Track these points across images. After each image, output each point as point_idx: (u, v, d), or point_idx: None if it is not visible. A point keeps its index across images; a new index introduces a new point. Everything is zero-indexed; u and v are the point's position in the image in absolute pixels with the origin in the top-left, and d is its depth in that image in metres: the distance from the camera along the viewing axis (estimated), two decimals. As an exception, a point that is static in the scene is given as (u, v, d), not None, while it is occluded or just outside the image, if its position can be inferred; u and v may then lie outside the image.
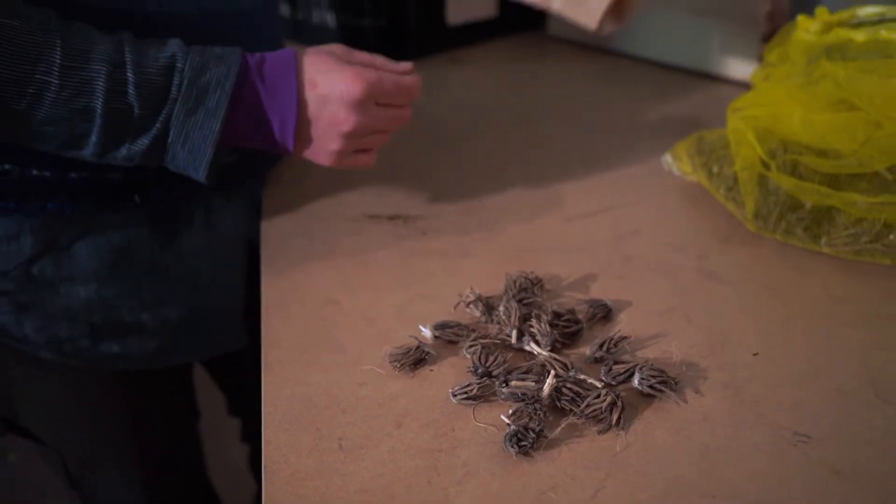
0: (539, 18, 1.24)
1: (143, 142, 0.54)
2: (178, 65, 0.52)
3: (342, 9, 1.12)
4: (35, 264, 0.66)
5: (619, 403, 0.41)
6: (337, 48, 0.59)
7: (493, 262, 0.58)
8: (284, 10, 1.16)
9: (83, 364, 0.71)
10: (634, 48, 1.07)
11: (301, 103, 0.56)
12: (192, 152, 0.54)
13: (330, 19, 1.16)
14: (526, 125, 0.86)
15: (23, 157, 0.61)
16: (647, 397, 0.43)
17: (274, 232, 0.65)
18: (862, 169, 0.56)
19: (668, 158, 0.70)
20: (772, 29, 0.90)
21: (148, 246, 0.68)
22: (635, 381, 0.43)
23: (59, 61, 0.50)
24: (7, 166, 0.61)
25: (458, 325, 0.49)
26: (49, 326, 0.68)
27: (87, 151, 0.55)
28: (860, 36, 0.60)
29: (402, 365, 0.46)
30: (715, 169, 0.65)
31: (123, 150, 0.55)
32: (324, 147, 0.58)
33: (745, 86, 0.91)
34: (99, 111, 0.51)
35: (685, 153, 0.69)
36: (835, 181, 0.58)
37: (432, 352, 0.47)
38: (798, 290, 0.53)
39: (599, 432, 0.41)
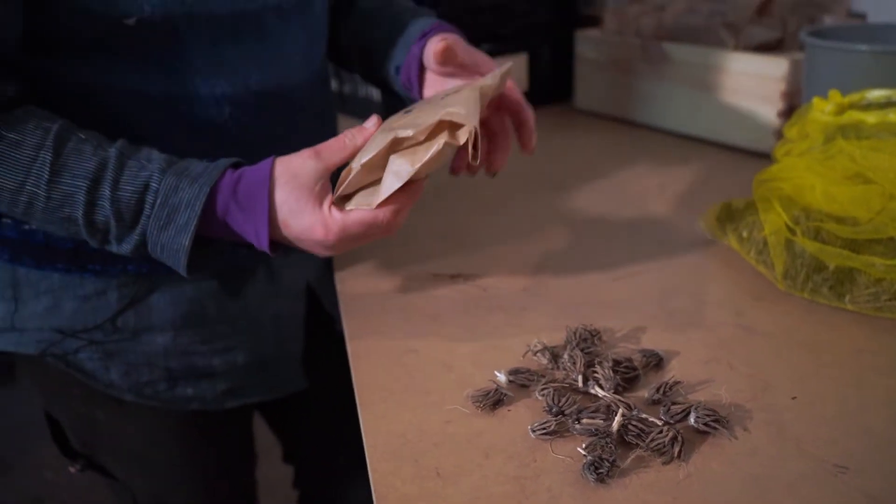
0: (566, 92, 1.34)
1: (126, 247, 0.59)
2: (153, 185, 0.57)
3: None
4: (119, 317, 0.73)
5: (680, 438, 0.47)
6: (305, 163, 0.58)
7: (551, 316, 0.65)
8: (332, 84, 1.26)
9: (160, 406, 0.77)
10: (659, 121, 1.15)
11: (276, 226, 0.58)
12: (170, 259, 0.59)
13: (375, 93, 1.26)
14: (563, 191, 0.94)
15: None
16: (702, 433, 0.49)
17: (348, 288, 0.72)
18: (878, 235, 0.63)
19: (700, 224, 0.78)
20: (788, 106, 0.99)
21: (217, 297, 0.75)
22: (691, 420, 0.50)
23: (46, 175, 0.56)
24: None
25: (529, 371, 0.56)
26: (132, 372, 0.75)
27: (93, 244, 0.61)
28: (871, 118, 0.68)
29: (483, 405, 0.53)
30: (745, 234, 0.72)
31: (113, 249, 0.60)
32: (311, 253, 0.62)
33: (763, 156, 0.99)
34: (81, 221, 0.58)
35: (716, 219, 0.76)
36: (854, 245, 0.65)
37: (509, 393, 0.54)
38: (827, 342, 0.60)
39: (664, 463, 0.47)
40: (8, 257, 0.72)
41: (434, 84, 0.72)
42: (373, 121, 0.60)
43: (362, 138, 0.59)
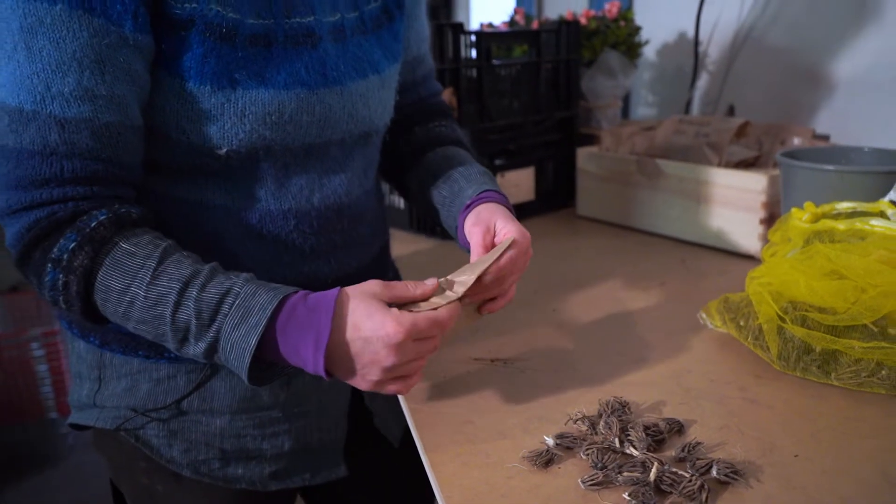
0: (569, 200, 1.49)
1: (201, 346, 0.65)
2: (235, 289, 0.64)
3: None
4: (185, 399, 0.83)
5: (706, 486, 0.58)
6: (376, 286, 0.66)
7: (583, 392, 0.75)
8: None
9: (212, 483, 0.85)
10: (656, 227, 1.30)
11: (336, 330, 0.63)
12: (236, 360, 0.64)
13: (399, 202, 1.40)
14: (577, 287, 1.07)
15: None
16: (723, 483, 0.59)
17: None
18: (855, 322, 0.76)
19: (702, 315, 0.90)
20: (768, 214, 1.13)
21: (270, 386, 0.84)
22: (714, 472, 0.60)
23: (148, 279, 0.65)
24: None
25: (572, 436, 0.66)
26: (191, 450, 0.83)
27: (171, 347, 0.67)
28: (842, 226, 0.82)
29: (537, 463, 0.63)
30: (742, 323, 0.84)
31: (190, 350, 0.66)
32: (363, 378, 0.65)
33: (749, 257, 1.13)
34: (168, 319, 0.65)
35: (715, 311, 0.89)
36: (836, 331, 0.77)
37: (558, 453, 0.64)
38: (819, 412, 0.71)
39: (694, 507, 0.57)
40: (98, 343, 0.82)
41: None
42: (432, 281, 0.68)
43: (421, 290, 0.67)
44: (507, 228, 0.77)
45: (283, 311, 0.64)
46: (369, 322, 0.63)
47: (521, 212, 1.42)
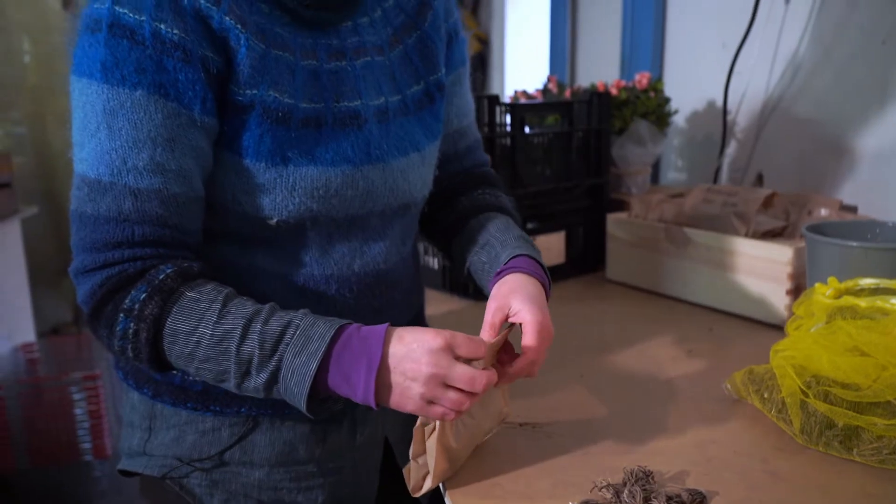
0: (599, 264, 1.52)
1: (263, 376, 0.70)
2: (295, 321, 0.70)
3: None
4: (228, 451, 0.87)
5: (726, 559, 0.60)
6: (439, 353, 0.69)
7: (608, 459, 0.78)
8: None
9: None
10: (684, 294, 1.33)
11: (385, 356, 0.68)
12: (297, 387, 0.69)
13: (434, 263, 1.45)
14: (605, 352, 1.10)
15: None
16: (743, 557, 0.62)
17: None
18: (877, 399, 0.77)
19: (727, 385, 0.92)
20: (794, 285, 1.16)
21: (307, 441, 0.88)
22: (734, 545, 0.62)
23: (214, 319, 0.71)
24: None
25: (597, 502, 0.68)
26: (230, 500, 0.88)
27: (231, 384, 0.72)
28: (863, 303, 0.84)
29: (563, 528, 0.65)
30: (766, 395, 0.86)
31: (251, 383, 0.71)
32: (407, 390, 0.68)
33: (776, 327, 1.15)
34: (233, 353, 0.70)
35: (740, 382, 0.91)
36: (858, 407, 0.78)
37: (583, 520, 0.66)
38: (841, 487, 0.72)
39: (714, 578, 0.59)
40: (151, 394, 0.87)
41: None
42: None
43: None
44: (520, 313, 0.77)
45: (339, 341, 0.70)
46: (412, 334, 0.69)
47: (552, 275, 1.45)
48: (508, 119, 1.36)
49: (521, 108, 1.37)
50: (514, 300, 0.78)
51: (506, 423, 0.87)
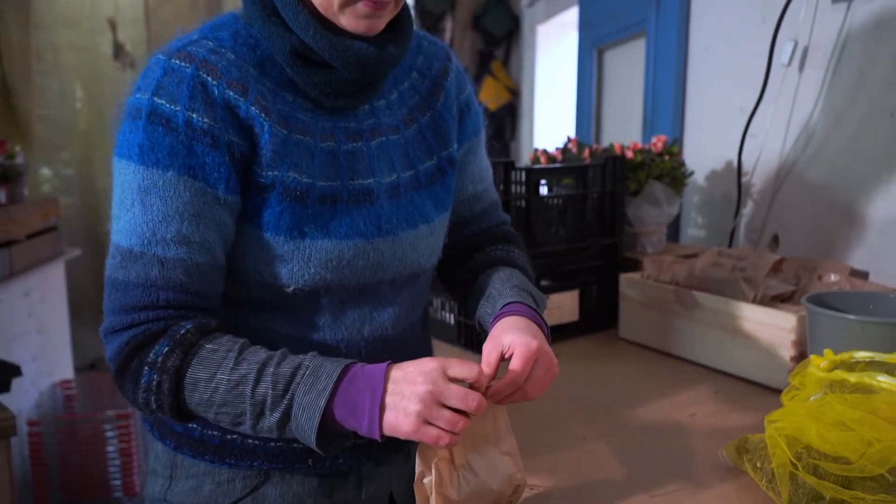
0: (612, 322, 1.56)
1: (276, 415, 0.75)
2: (305, 363, 0.76)
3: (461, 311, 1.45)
4: (240, 501, 0.92)
5: None
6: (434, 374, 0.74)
7: (600, 524, 0.81)
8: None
9: None
10: (692, 355, 1.36)
11: (386, 383, 0.73)
12: (308, 421, 0.73)
13: (450, 318, 1.50)
14: (611, 413, 1.13)
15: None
16: None
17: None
18: (864, 474, 0.80)
19: (723, 453, 0.95)
20: (798, 352, 1.18)
21: (314, 495, 0.93)
22: None
23: (231, 365, 0.77)
24: (234, 436, 0.90)
25: (583, 567, 0.72)
26: None
27: (247, 426, 0.77)
28: (853, 378, 0.87)
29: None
30: (758, 464, 0.89)
31: (265, 423, 0.75)
32: (404, 409, 0.72)
33: (778, 392, 1.17)
34: (248, 394, 0.75)
35: (735, 449, 0.94)
36: (847, 481, 0.81)
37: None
38: (823, 560, 0.75)
39: None
40: (173, 446, 0.93)
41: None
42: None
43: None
44: (512, 343, 0.81)
45: (345, 378, 0.75)
46: (409, 363, 0.75)
47: (565, 332, 1.51)
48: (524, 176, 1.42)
49: (537, 173, 1.43)
50: (506, 336, 0.82)
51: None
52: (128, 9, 3.80)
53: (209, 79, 0.79)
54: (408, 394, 0.72)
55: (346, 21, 0.81)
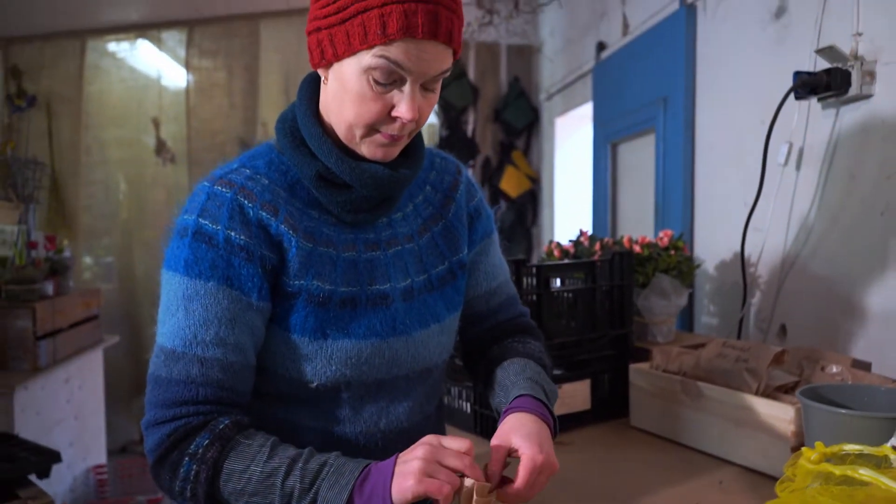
0: (624, 410, 1.61)
1: None
2: (330, 461, 0.84)
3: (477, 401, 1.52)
4: None
5: None
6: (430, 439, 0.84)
7: None
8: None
9: None
10: (700, 444, 1.40)
11: (394, 465, 0.82)
12: None
13: (466, 406, 1.57)
14: (616, 502, 1.18)
15: None
16: None
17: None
18: (850, 563, 0.84)
19: (720, 542, 1.00)
20: (798, 442, 1.23)
21: None
22: None
23: (264, 459, 0.86)
24: None
25: None
26: None
27: None
28: (837, 471, 0.92)
29: None
30: (753, 553, 0.94)
31: None
32: (408, 470, 0.80)
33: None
34: (279, 486, 0.83)
35: (733, 539, 0.98)
36: (834, 570, 0.85)
37: None
38: None
39: None
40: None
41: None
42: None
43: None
44: (520, 449, 0.88)
45: (363, 475, 0.83)
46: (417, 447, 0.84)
47: (577, 421, 1.56)
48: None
49: (547, 269, 1.52)
50: (514, 437, 0.90)
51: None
52: (171, 108, 4.07)
53: (246, 202, 0.91)
54: (410, 457, 0.81)
55: (366, 149, 0.93)
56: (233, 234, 0.89)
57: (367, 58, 0.86)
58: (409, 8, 0.82)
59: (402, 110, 0.88)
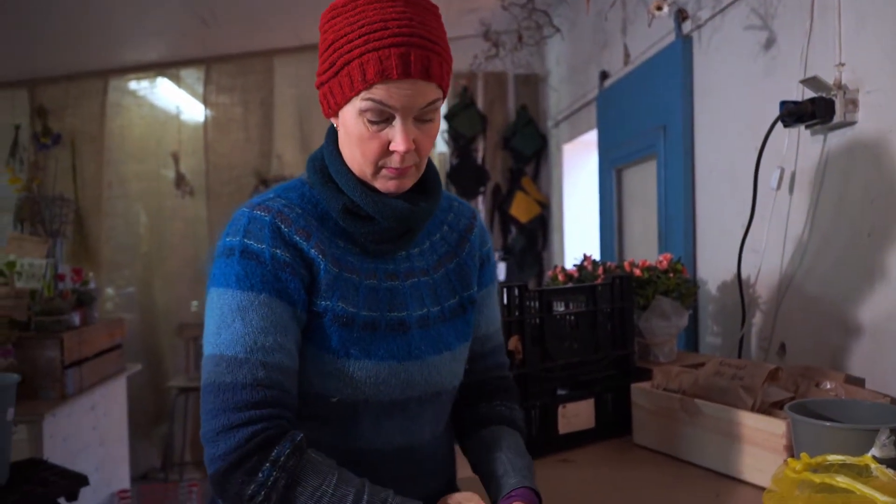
0: (627, 428, 1.67)
1: None
2: (390, 499, 0.93)
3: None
4: None
5: None
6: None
7: None
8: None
9: None
10: (699, 460, 1.46)
11: None
12: None
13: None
14: (617, 517, 1.24)
15: None
16: None
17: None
18: (829, 566, 0.90)
19: (712, 550, 1.06)
20: (790, 455, 1.28)
21: None
22: None
23: (335, 482, 0.93)
24: None
25: None
26: None
27: None
28: (817, 479, 0.98)
29: None
30: (741, 559, 0.99)
31: None
32: None
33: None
34: None
35: (724, 547, 1.04)
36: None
37: None
38: None
39: None
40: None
41: None
42: None
43: None
44: None
45: None
46: None
47: (581, 439, 1.62)
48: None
49: (549, 294, 1.60)
50: None
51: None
52: (189, 142, 4.21)
53: (282, 225, 1.01)
54: None
55: (379, 184, 1.03)
56: (278, 251, 0.99)
57: (358, 102, 0.97)
58: (382, 54, 0.94)
59: (397, 143, 0.98)
